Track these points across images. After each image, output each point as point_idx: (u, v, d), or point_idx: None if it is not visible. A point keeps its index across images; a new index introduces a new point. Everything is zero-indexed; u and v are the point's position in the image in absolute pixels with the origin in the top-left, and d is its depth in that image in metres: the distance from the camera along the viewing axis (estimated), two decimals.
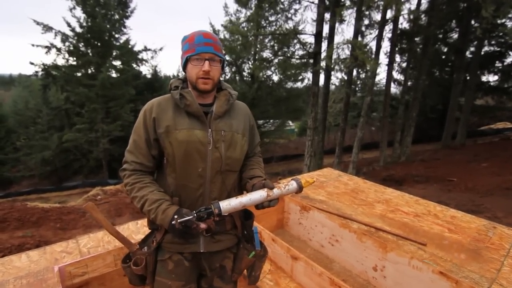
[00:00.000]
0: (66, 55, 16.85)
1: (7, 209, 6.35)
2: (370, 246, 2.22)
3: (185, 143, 1.13)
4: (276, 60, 13.68)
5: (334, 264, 2.53)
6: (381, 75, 38.60)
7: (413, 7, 12.14)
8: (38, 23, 15.83)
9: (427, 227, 2.62)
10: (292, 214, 2.98)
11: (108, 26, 17.20)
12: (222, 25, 14.36)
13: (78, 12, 16.42)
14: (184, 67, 1.20)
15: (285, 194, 1.16)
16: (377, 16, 11.21)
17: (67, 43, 16.58)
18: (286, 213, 3.04)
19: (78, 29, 16.51)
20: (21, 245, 4.77)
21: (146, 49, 19.19)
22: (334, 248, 2.56)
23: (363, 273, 2.32)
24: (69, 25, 16.37)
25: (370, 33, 12.90)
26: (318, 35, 10.88)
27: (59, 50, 16.57)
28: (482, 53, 14.79)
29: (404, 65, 17.04)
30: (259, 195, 1.10)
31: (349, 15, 10.71)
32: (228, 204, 1.08)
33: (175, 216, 1.06)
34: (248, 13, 13.46)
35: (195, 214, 1.05)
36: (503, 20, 11.84)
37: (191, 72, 1.15)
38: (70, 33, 16.48)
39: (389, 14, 10.26)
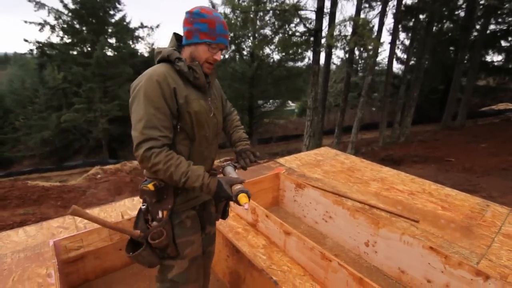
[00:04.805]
0: (61, 33, 16.42)
1: (7, 188, 6.41)
2: (363, 222, 2.25)
3: (198, 113, 1.24)
4: (276, 38, 13.30)
5: (327, 240, 2.58)
6: (383, 54, 37.89)
7: None
8: (29, 0, 15.29)
9: (421, 204, 2.65)
10: (287, 191, 3.00)
11: (101, 1, 16.60)
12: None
13: None
14: (193, 43, 1.23)
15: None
16: None
17: (60, 20, 16.11)
18: (282, 190, 3.06)
19: (71, 6, 15.99)
20: (23, 222, 4.85)
21: (142, 26, 18.68)
22: (327, 225, 2.59)
23: (355, 248, 2.37)
24: (61, 0, 15.83)
25: (373, 9, 12.48)
26: (319, 11, 10.50)
27: (53, 27, 16.12)
28: (488, 31, 14.35)
29: (407, 43, 16.62)
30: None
31: None
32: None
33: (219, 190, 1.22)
34: None
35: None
36: None
37: (203, 54, 1.24)
38: (63, 10, 15.98)
39: None
